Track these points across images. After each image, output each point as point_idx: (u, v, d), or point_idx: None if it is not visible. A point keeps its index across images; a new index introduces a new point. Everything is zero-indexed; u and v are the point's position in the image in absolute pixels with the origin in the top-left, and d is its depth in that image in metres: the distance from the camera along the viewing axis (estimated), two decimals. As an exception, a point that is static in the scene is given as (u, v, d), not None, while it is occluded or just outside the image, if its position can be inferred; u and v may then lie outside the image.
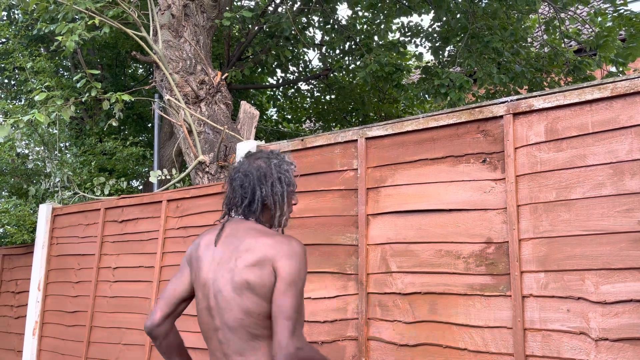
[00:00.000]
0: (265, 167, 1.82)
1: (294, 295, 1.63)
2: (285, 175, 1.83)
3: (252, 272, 1.64)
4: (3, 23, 7.43)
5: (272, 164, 1.83)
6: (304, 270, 1.68)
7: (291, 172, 1.87)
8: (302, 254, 1.69)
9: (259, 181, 1.80)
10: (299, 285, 1.65)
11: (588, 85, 2.26)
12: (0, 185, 6.92)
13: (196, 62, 5.26)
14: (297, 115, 10.20)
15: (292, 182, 1.86)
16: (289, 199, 1.85)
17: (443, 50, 7.66)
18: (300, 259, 1.67)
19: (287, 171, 1.85)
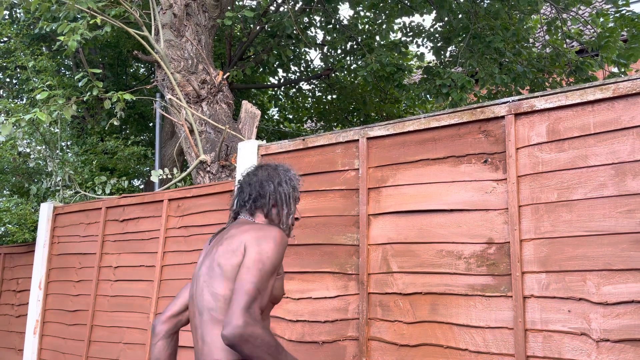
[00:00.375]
0: (272, 171, 1.93)
1: (257, 273, 1.61)
2: (290, 179, 1.93)
3: (225, 256, 1.67)
4: (5, 22, 7.44)
5: (279, 168, 1.95)
6: (275, 253, 1.66)
7: (296, 180, 1.96)
8: (276, 237, 1.69)
9: (267, 179, 1.90)
10: (266, 266, 1.63)
11: (590, 85, 2.26)
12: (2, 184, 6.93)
13: (198, 61, 5.26)
14: (299, 115, 10.20)
15: (297, 187, 1.95)
16: (294, 201, 1.92)
17: (445, 51, 7.65)
18: (272, 242, 1.67)
19: (292, 178, 1.95)
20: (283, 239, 1.72)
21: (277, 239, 1.70)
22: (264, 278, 1.62)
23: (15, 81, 8.40)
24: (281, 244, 1.70)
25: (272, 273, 1.65)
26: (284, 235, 1.73)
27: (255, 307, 1.56)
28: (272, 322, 3.04)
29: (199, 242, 3.72)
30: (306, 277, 2.97)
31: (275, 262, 1.66)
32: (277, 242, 1.69)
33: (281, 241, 1.71)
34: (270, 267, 1.64)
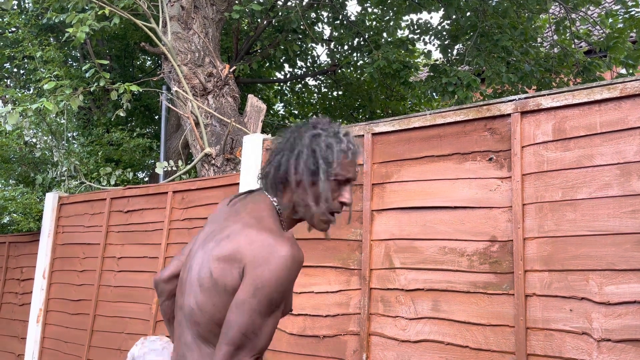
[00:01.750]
0: (305, 135, 1.42)
1: (248, 313, 1.26)
2: (322, 150, 1.38)
3: (219, 265, 1.32)
4: (14, 12, 7.46)
5: (314, 133, 1.42)
6: (278, 287, 1.26)
7: (337, 150, 1.39)
8: (283, 263, 1.27)
9: (289, 147, 1.42)
10: (262, 302, 1.26)
11: (597, 85, 2.25)
12: (8, 173, 6.97)
13: (205, 54, 5.27)
14: (304, 111, 10.20)
15: (333, 161, 1.38)
16: (321, 182, 1.38)
17: (452, 49, 7.63)
18: (277, 269, 1.26)
19: (329, 146, 1.39)
20: (294, 262, 1.28)
21: (282, 266, 1.27)
22: (256, 318, 1.26)
23: (23, 71, 8.43)
24: (290, 270, 1.27)
25: (273, 309, 1.28)
26: (295, 255, 1.29)
27: (243, 356, 1.26)
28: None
29: (202, 234, 3.73)
30: (308, 271, 2.98)
31: (277, 299, 1.28)
32: (281, 271, 1.26)
33: (290, 266, 1.27)
34: (270, 303, 1.27)
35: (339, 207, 1.41)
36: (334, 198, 1.40)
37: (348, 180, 1.41)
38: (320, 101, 9.87)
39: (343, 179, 1.40)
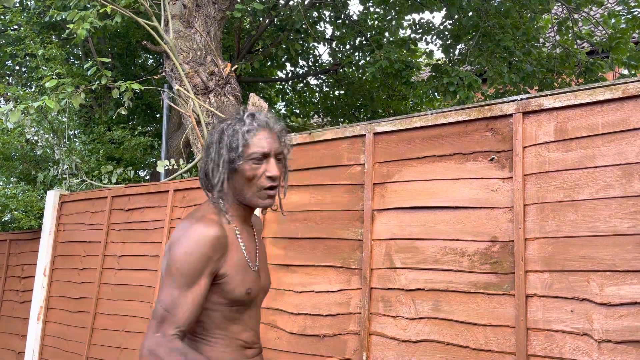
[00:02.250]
0: (215, 132, 1.55)
1: (166, 288, 1.37)
2: (229, 138, 1.49)
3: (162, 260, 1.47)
4: (16, 9, 7.47)
5: (222, 126, 1.54)
6: (187, 261, 1.37)
7: (241, 132, 1.49)
8: (193, 239, 1.38)
9: (206, 148, 1.55)
10: (177, 279, 1.36)
11: (599, 85, 2.24)
12: (9, 171, 6.97)
13: (206, 53, 5.27)
14: (306, 110, 10.19)
15: (238, 145, 1.47)
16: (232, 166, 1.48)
17: (454, 48, 7.62)
18: (184, 245, 1.38)
19: (234, 132, 1.50)
20: (203, 234, 1.39)
21: (190, 240, 1.39)
22: (175, 293, 1.36)
23: (25, 69, 8.43)
24: (200, 243, 1.38)
25: (189, 283, 1.37)
26: (206, 232, 1.40)
27: (167, 328, 1.34)
28: (273, 315, 3.06)
29: (203, 233, 3.74)
30: (309, 270, 2.98)
31: (188, 268, 1.37)
32: (191, 241, 1.38)
33: (199, 239, 1.38)
34: (182, 276, 1.37)
35: (267, 182, 1.49)
36: (260, 175, 1.49)
37: (266, 155, 1.49)
38: (322, 100, 9.86)
39: (259, 156, 1.48)
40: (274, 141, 1.51)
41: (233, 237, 1.51)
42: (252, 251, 1.59)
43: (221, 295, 1.46)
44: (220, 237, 1.43)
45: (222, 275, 1.45)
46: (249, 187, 1.50)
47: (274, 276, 3.11)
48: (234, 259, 1.49)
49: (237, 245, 1.52)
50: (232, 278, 1.47)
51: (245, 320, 1.54)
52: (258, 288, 1.56)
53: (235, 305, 1.49)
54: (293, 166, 3.20)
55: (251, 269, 1.54)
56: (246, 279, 1.51)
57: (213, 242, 1.41)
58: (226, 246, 1.46)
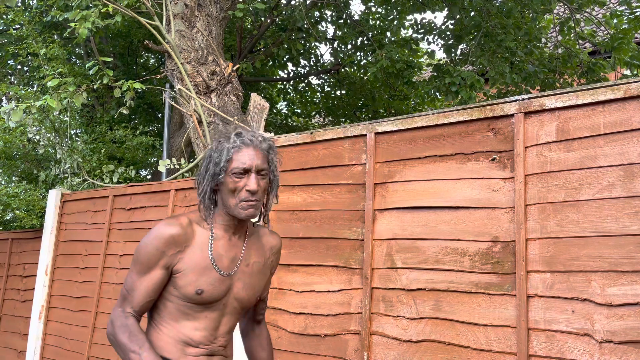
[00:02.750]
0: (208, 150, 1.71)
1: (128, 273, 1.62)
2: (215, 154, 1.66)
3: None
4: (18, 9, 7.48)
5: (214, 144, 1.70)
6: (145, 249, 1.59)
7: (226, 149, 1.65)
8: (152, 234, 1.60)
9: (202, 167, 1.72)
10: (136, 263, 1.59)
11: (601, 85, 2.24)
12: (11, 170, 6.98)
13: (208, 52, 5.27)
14: (307, 110, 10.19)
15: (221, 160, 1.63)
16: (217, 178, 1.64)
17: (456, 48, 7.62)
18: (147, 239, 1.60)
19: (220, 149, 1.65)
20: (161, 231, 1.59)
21: (150, 234, 1.60)
22: (134, 277, 1.60)
23: (27, 68, 8.44)
24: (156, 237, 1.59)
25: (144, 271, 1.59)
26: (162, 228, 1.60)
27: (126, 306, 1.59)
28: (274, 314, 3.06)
29: (204, 232, 3.74)
30: (310, 270, 2.98)
31: (144, 258, 1.59)
32: (151, 236, 1.60)
33: (157, 234, 1.59)
34: (139, 264, 1.60)
35: (247, 195, 1.62)
36: (241, 189, 1.62)
37: (247, 171, 1.63)
38: (323, 100, 9.86)
39: (240, 170, 1.62)
40: (257, 158, 1.64)
41: (203, 240, 1.66)
42: (230, 258, 1.69)
43: (174, 288, 1.62)
44: (176, 235, 1.60)
45: (176, 270, 1.62)
46: (232, 198, 1.63)
47: (275, 275, 3.11)
48: (194, 259, 1.63)
49: (204, 248, 1.65)
50: (184, 275, 1.61)
51: (200, 319, 1.65)
52: (214, 292, 1.64)
53: (188, 301, 1.62)
54: (294, 166, 3.20)
55: (216, 272, 1.65)
56: (203, 280, 1.62)
57: (167, 238, 1.59)
58: (183, 244, 1.62)
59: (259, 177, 1.65)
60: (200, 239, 1.66)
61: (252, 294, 1.75)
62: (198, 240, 1.65)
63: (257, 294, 1.77)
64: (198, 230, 1.66)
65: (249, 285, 1.74)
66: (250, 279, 1.74)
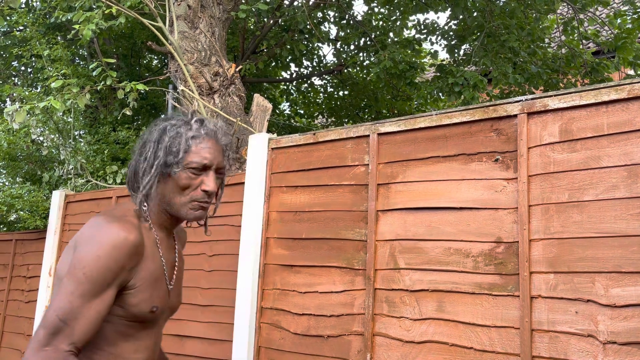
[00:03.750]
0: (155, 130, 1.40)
1: (65, 294, 1.16)
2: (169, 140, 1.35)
3: (62, 257, 1.29)
4: (21, 10, 7.50)
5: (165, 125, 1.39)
6: (98, 264, 1.18)
7: (185, 137, 1.35)
8: (106, 243, 1.20)
9: (141, 146, 1.42)
10: (81, 283, 1.17)
11: (605, 86, 2.23)
12: (15, 171, 7.01)
13: (211, 53, 5.28)
14: (310, 110, 10.19)
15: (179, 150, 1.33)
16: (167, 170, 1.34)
17: (459, 49, 7.61)
18: (101, 249, 1.19)
19: (177, 135, 1.35)
20: (120, 242, 1.21)
21: (104, 242, 1.20)
22: (77, 302, 1.16)
23: (30, 70, 8.47)
24: (115, 248, 1.20)
25: (96, 292, 1.18)
26: (123, 236, 1.22)
27: (61, 342, 1.14)
28: (277, 315, 3.06)
29: (207, 233, 3.74)
30: (313, 271, 2.98)
31: (98, 280, 1.18)
32: (103, 248, 1.19)
33: (115, 246, 1.20)
34: (90, 283, 1.17)
35: (201, 196, 1.35)
36: (195, 187, 1.34)
37: (207, 167, 1.35)
38: (326, 101, 9.86)
39: (199, 166, 1.34)
40: (219, 154, 1.38)
41: (152, 246, 1.35)
42: (171, 266, 1.43)
43: (122, 307, 1.28)
44: (138, 244, 1.26)
45: (130, 286, 1.28)
46: (180, 196, 1.35)
47: (279, 276, 3.11)
48: (148, 271, 1.32)
49: (155, 255, 1.35)
50: (139, 291, 1.29)
51: (141, 339, 1.34)
52: (164, 306, 1.39)
53: (134, 321, 1.31)
54: (297, 167, 3.20)
55: (166, 284, 1.38)
56: (155, 295, 1.34)
57: (130, 249, 1.24)
58: (142, 254, 1.29)
59: (216, 176, 1.39)
60: (149, 244, 1.34)
61: (180, 298, 1.51)
62: (148, 246, 1.33)
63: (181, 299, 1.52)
64: (145, 234, 1.34)
65: (178, 292, 1.49)
66: (179, 285, 1.49)
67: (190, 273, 3.72)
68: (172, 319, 3.47)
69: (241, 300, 3.18)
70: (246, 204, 3.33)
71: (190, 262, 3.78)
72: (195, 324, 3.47)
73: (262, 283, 3.18)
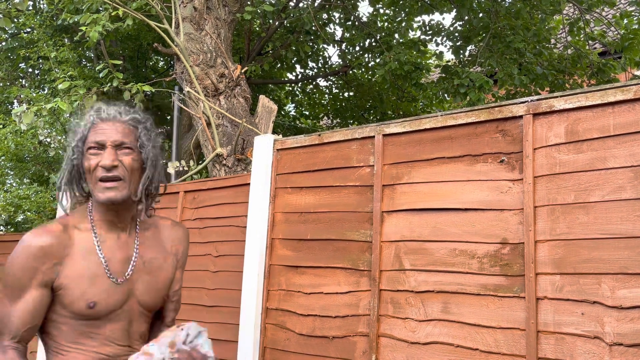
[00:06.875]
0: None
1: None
2: (72, 134, 1.49)
3: None
4: (29, 13, 7.56)
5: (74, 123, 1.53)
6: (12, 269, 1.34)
7: (83, 123, 1.46)
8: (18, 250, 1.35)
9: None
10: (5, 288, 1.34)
11: (611, 87, 2.23)
12: (22, 172, 7.06)
13: (217, 55, 5.30)
14: (315, 112, 10.21)
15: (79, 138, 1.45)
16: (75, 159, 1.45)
17: (464, 50, 7.60)
18: (13, 256, 1.34)
19: (76, 129, 1.48)
20: (27, 245, 1.33)
21: (16, 250, 1.34)
22: (5, 302, 1.34)
23: (38, 71, 8.53)
24: (23, 253, 1.33)
25: (16, 294, 1.33)
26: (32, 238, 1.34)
27: (5, 340, 1.33)
28: (282, 316, 3.07)
29: (212, 234, 3.75)
30: (318, 272, 2.98)
31: (13, 279, 1.33)
32: (17, 252, 1.34)
33: (23, 249, 1.34)
34: (8, 287, 1.34)
35: (101, 172, 1.40)
36: (95, 167, 1.41)
37: (102, 145, 1.41)
38: (331, 102, 9.87)
39: (94, 145, 1.41)
40: (115, 132, 1.42)
41: (85, 244, 1.42)
42: (121, 260, 1.47)
43: (62, 307, 1.38)
44: (47, 246, 1.35)
45: (58, 286, 1.37)
46: (90, 180, 1.42)
47: (284, 277, 3.12)
48: (77, 269, 1.39)
49: (89, 252, 1.42)
50: (69, 290, 1.38)
51: (106, 335, 1.42)
52: (116, 302, 1.43)
53: (82, 319, 1.39)
54: (302, 168, 3.21)
55: (109, 279, 1.42)
56: (91, 290, 1.39)
57: (36, 252, 1.34)
58: (60, 255, 1.37)
59: (121, 152, 1.42)
60: (82, 243, 1.41)
61: (157, 295, 1.55)
62: (79, 246, 1.41)
63: (162, 293, 1.57)
64: (77, 235, 1.42)
65: (151, 286, 1.53)
66: (151, 278, 1.53)
67: (195, 274, 3.74)
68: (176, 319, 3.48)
69: (246, 301, 3.19)
70: (251, 205, 3.34)
71: (196, 263, 3.79)
72: (200, 324, 3.48)
73: (267, 284, 3.19)
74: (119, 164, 1.40)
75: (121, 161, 1.41)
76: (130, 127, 1.46)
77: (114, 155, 1.41)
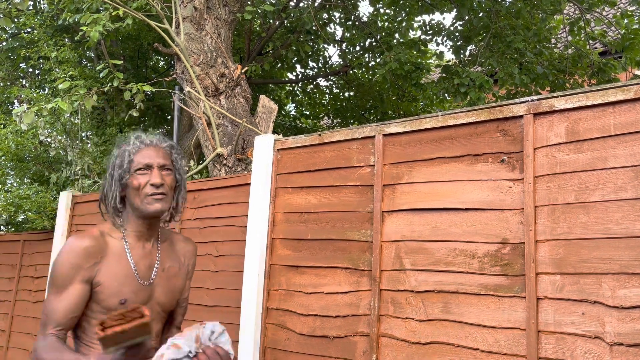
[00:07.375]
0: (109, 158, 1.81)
1: (47, 296, 1.60)
2: (118, 158, 1.73)
3: None
4: (29, 13, 7.56)
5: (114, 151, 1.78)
6: (59, 267, 1.59)
7: (127, 151, 1.72)
8: (65, 250, 1.60)
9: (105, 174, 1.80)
10: (53, 282, 1.59)
11: (611, 86, 2.23)
12: (23, 172, 7.06)
13: (217, 55, 5.30)
14: (315, 111, 10.20)
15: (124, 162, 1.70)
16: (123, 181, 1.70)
17: (464, 50, 7.59)
18: (60, 256, 1.60)
19: (121, 152, 1.73)
20: (73, 246, 1.60)
21: (63, 251, 1.60)
22: (52, 299, 1.58)
23: (38, 71, 8.53)
24: (69, 253, 1.59)
25: (62, 290, 1.58)
26: (73, 242, 1.60)
27: (49, 329, 1.57)
28: (283, 316, 3.07)
29: (213, 234, 3.76)
30: (318, 271, 2.99)
31: (60, 278, 1.58)
32: (63, 253, 1.60)
33: (69, 250, 1.59)
34: (56, 286, 1.58)
35: (150, 189, 1.67)
36: (144, 184, 1.67)
37: (149, 167, 1.69)
38: (332, 102, 9.87)
39: (142, 166, 1.68)
40: (158, 156, 1.71)
41: (118, 249, 1.68)
42: (147, 266, 1.73)
43: (97, 303, 1.62)
44: (89, 247, 1.61)
45: (96, 283, 1.62)
46: (138, 196, 1.67)
47: (284, 277, 3.12)
48: (112, 269, 1.64)
49: (121, 257, 1.67)
50: (106, 287, 1.62)
51: None
52: (142, 301, 1.69)
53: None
54: (303, 168, 3.21)
55: (137, 281, 1.68)
56: (124, 289, 1.64)
57: (80, 252, 1.59)
58: (99, 256, 1.63)
59: (163, 172, 1.70)
60: (114, 249, 1.67)
61: (172, 298, 1.81)
62: (113, 250, 1.67)
63: (176, 297, 1.83)
64: (111, 241, 1.68)
65: (168, 290, 1.79)
66: (168, 283, 1.79)
67: (196, 273, 3.74)
68: (178, 320, 3.48)
69: (247, 301, 3.19)
70: (252, 205, 3.34)
71: (197, 263, 3.79)
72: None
73: (267, 283, 3.19)
74: (164, 182, 1.68)
75: (163, 179, 1.68)
76: (168, 151, 1.74)
77: (161, 175, 1.68)
